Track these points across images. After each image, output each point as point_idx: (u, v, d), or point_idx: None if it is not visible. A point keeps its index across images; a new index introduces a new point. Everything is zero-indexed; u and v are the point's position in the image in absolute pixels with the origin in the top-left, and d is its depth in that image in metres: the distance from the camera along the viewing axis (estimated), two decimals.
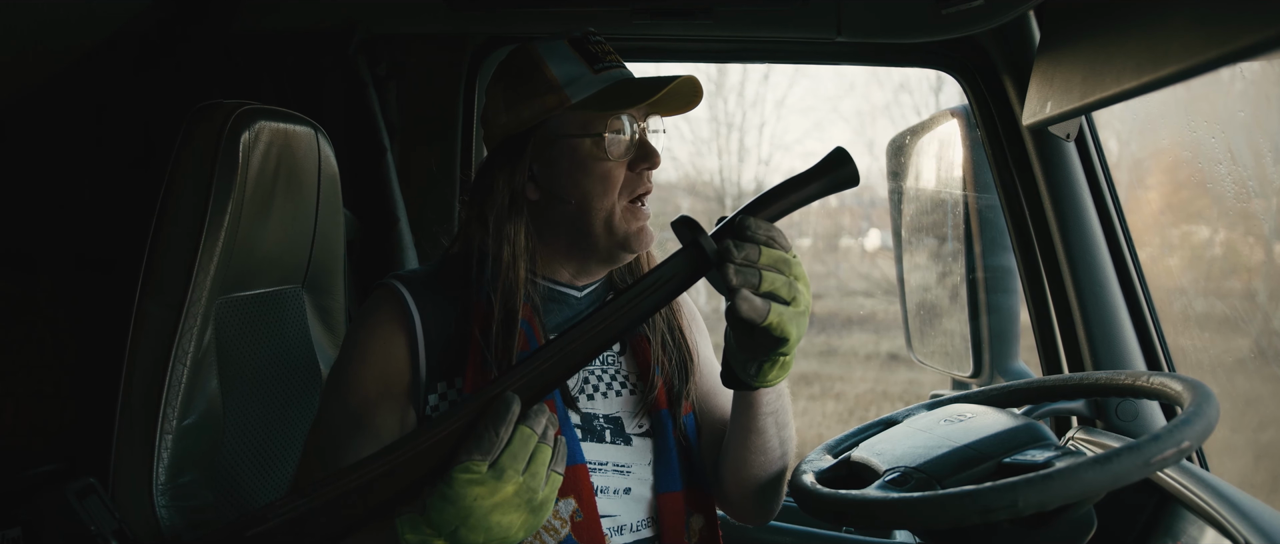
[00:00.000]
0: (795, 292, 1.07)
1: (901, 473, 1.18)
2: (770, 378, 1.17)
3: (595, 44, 1.31)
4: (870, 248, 10.37)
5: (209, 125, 1.41)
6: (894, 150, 2.34)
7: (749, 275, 1.05)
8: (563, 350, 1.07)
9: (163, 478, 1.36)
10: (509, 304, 1.25)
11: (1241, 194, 1.67)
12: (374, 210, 2.07)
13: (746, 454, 1.31)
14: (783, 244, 1.08)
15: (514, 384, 1.05)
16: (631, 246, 1.30)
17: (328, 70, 2.05)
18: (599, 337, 1.08)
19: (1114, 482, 0.97)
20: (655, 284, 1.10)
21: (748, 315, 1.04)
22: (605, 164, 1.27)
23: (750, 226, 1.07)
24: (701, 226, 1.10)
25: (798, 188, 1.12)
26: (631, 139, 1.28)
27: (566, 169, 1.28)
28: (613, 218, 1.28)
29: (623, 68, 1.31)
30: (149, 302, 1.39)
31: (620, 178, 1.28)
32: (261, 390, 1.57)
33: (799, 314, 1.08)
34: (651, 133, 1.32)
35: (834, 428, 7.59)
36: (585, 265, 1.34)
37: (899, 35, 1.87)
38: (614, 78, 1.29)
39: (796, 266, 1.09)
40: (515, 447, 1.01)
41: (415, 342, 1.26)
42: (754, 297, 1.04)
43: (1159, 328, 1.68)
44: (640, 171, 1.29)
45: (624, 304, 1.09)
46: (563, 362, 1.07)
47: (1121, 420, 1.54)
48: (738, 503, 1.39)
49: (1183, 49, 1.03)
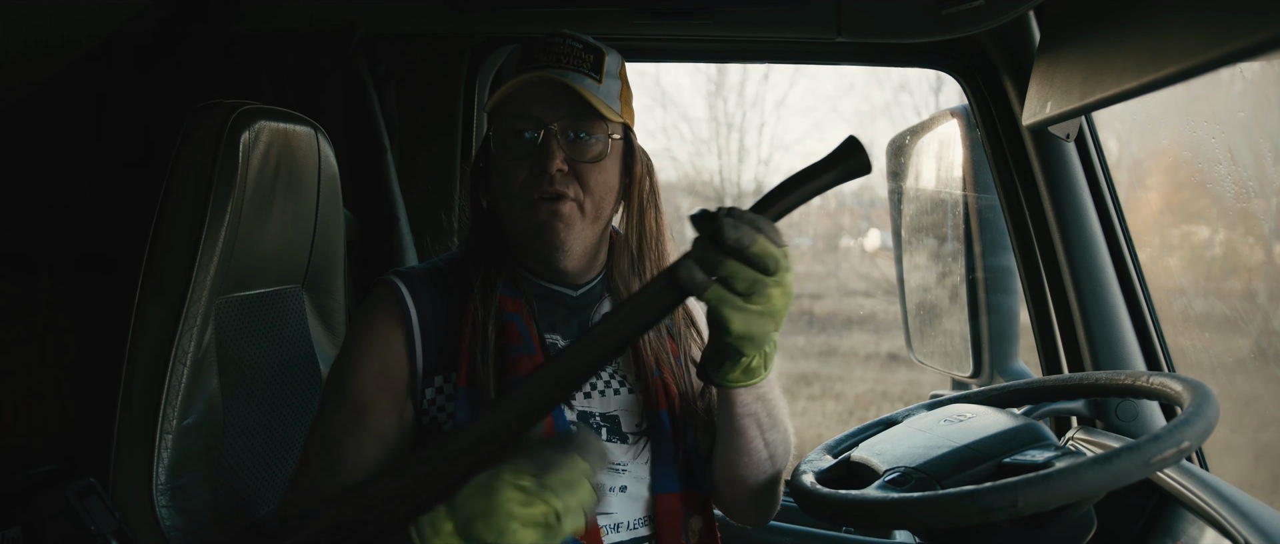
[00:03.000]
0: (756, 288, 1.03)
1: (901, 473, 1.18)
2: (731, 378, 1.16)
3: (546, 45, 1.28)
4: (870, 248, 10.37)
5: (209, 125, 1.41)
6: (894, 151, 2.34)
7: (709, 256, 1.02)
8: (586, 347, 1.06)
9: (163, 478, 1.36)
10: (487, 300, 1.27)
11: (1241, 194, 1.67)
12: (374, 210, 2.07)
13: (730, 454, 1.30)
14: (772, 240, 1.03)
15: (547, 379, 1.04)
16: (538, 242, 1.28)
17: (328, 70, 2.05)
18: (614, 339, 1.06)
19: (1114, 482, 0.97)
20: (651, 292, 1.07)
21: (683, 279, 1.02)
22: (503, 162, 1.28)
23: (734, 217, 1.03)
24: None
25: (811, 178, 1.09)
26: (524, 139, 1.26)
27: (491, 166, 1.32)
28: (515, 214, 1.28)
29: (551, 69, 1.26)
30: (149, 301, 1.39)
31: (520, 177, 1.27)
32: (261, 390, 1.57)
33: (751, 313, 1.04)
34: (574, 138, 1.26)
35: (834, 428, 7.59)
36: (544, 263, 1.32)
37: (899, 35, 1.87)
38: (526, 78, 1.26)
39: (778, 266, 1.03)
40: (568, 475, 1.00)
41: (412, 336, 1.27)
42: (696, 267, 1.02)
43: (1159, 328, 1.68)
44: (536, 173, 1.26)
45: (641, 299, 1.06)
46: (588, 357, 1.06)
47: (1121, 421, 1.54)
48: (731, 503, 1.38)
49: (1183, 49, 1.03)
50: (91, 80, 1.80)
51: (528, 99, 1.26)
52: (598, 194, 1.28)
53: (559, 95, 1.26)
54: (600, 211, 1.30)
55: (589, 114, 1.26)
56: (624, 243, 1.38)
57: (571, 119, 1.26)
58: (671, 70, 16.20)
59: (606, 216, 1.33)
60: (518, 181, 1.26)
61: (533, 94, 1.26)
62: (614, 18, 1.87)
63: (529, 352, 1.27)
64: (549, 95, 1.26)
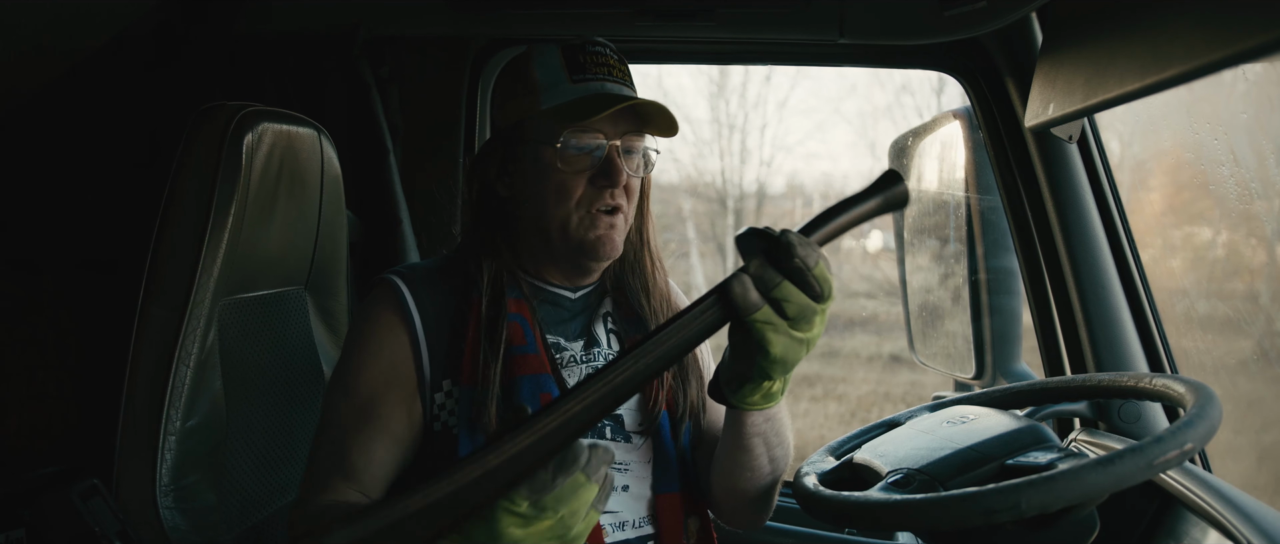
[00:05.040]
0: (805, 314, 1.02)
1: (904, 475, 1.18)
2: (750, 400, 1.14)
3: (590, 54, 1.29)
4: (872, 249, 10.34)
5: (212, 127, 1.41)
6: (896, 152, 2.34)
7: (767, 275, 1.00)
8: (631, 367, 0.99)
9: (166, 479, 1.36)
10: (494, 300, 1.28)
11: (1244, 196, 1.67)
12: (376, 212, 2.07)
13: (734, 467, 1.29)
14: (825, 270, 1.02)
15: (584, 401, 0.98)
16: (590, 254, 1.29)
17: (330, 72, 2.05)
18: (662, 357, 1.00)
19: (1117, 484, 0.97)
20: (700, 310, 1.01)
21: (737, 298, 0.99)
22: (561, 174, 1.27)
23: (799, 244, 1.00)
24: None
25: (852, 206, 1.07)
26: (592, 154, 1.27)
27: (529, 173, 1.30)
28: (568, 225, 1.28)
29: (607, 82, 1.28)
30: (152, 303, 1.39)
31: (578, 191, 1.27)
32: (264, 392, 1.58)
33: (794, 339, 1.03)
34: (627, 152, 1.28)
35: (836, 429, 7.59)
36: (562, 268, 1.34)
37: (901, 37, 1.87)
38: (588, 90, 1.27)
39: (829, 293, 1.03)
40: (564, 491, 0.96)
41: (416, 337, 1.27)
42: (752, 286, 1.00)
43: (1161, 329, 1.68)
44: (601, 187, 1.27)
45: (686, 320, 1.01)
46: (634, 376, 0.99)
47: (1124, 422, 1.54)
48: (727, 510, 1.38)
49: (1185, 51, 1.03)
50: (95, 83, 1.80)
51: (588, 113, 1.24)
52: (634, 203, 1.33)
53: (621, 112, 1.27)
54: (630, 219, 1.33)
55: (647, 130, 1.30)
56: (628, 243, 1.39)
57: (632, 135, 1.29)
58: (674, 71, 16.22)
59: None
60: (577, 194, 1.27)
61: (594, 107, 1.25)
62: (618, 19, 1.87)
63: (532, 352, 1.27)
64: (614, 112, 1.25)
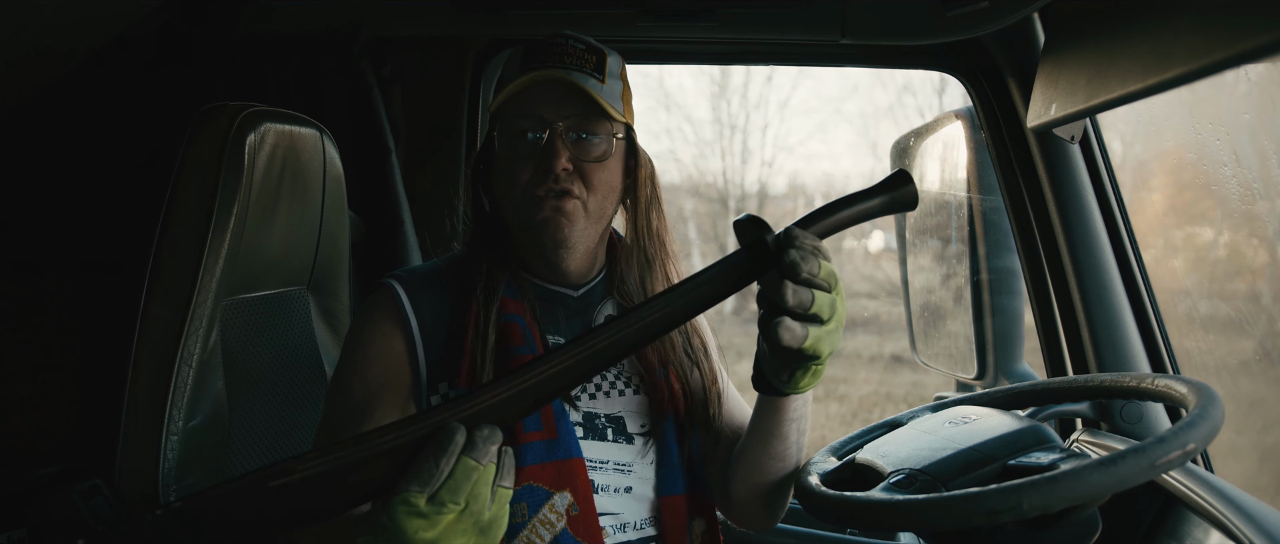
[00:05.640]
0: (835, 309, 1.06)
1: (906, 475, 1.18)
2: (803, 385, 1.16)
3: (549, 46, 1.29)
4: (874, 250, 10.35)
5: (214, 127, 1.41)
6: (898, 152, 2.34)
7: (804, 295, 1.02)
8: (581, 352, 1.01)
9: (168, 479, 1.36)
10: (489, 301, 1.28)
11: (1246, 196, 1.67)
12: (379, 212, 2.08)
13: (765, 460, 1.30)
14: (828, 258, 1.06)
15: (511, 390, 0.99)
16: (541, 238, 1.28)
17: (332, 72, 2.05)
18: (628, 339, 1.03)
19: (1119, 484, 0.97)
20: (702, 281, 1.05)
21: (787, 343, 1.03)
22: (506, 160, 1.29)
23: (803, 239, 1.04)
24: (770, 227, 1.07)
25: (857, 202, 1.08)
26: (529, 135, 1.27)
27: (495, 168, 1.33)
28: (519, 210, 1.29)
29: (556, 69, 1.27)
30: (154, 303, 1.39)
31: (524, 175, 1.27)
32: (267, 392, 1.58)
33: (831, 332, 1.07)
34: (578, 137, 1.26)
35: (838, 430, 7.58)
36: (545, 262, 1.33)
37: (903, 37, 1.87)
38: (530, 78, 1.26)
39: (839, 283, 1.07)
40: (456, 479, 0.93)
41: (413, 341, 1.28)
42: (796, 324, 1.03)
43: (1163, 330, 1.68)
44: (542, 172, 1.26)
45: (664, 302, 1.04)
46: (584, 363, 1.02)
47: (1126, 423, 1.54)
48: (746, 508, 1.38)
49: (1188, 51, 1.03)
50: (97, 83, 1.80)
51: (532, 99, 1.27)
52: (601, 193, 1.29)
53: (563, 95, 1.26)
54: (603, 210, 1.31)
55: (593, 113, 1.27)
56: (627, 244, 1.38)
57: (576, 118, 1.27)
58: (675, 72, 16.21)
59: (608, 216, 1.35)
60: (522, 180, 1.27)
61: (537, 94, 1.27)
62: (618, 20, 1.88)
63: (531, 352, 1.27)
64: (553, 95, 1.27)
